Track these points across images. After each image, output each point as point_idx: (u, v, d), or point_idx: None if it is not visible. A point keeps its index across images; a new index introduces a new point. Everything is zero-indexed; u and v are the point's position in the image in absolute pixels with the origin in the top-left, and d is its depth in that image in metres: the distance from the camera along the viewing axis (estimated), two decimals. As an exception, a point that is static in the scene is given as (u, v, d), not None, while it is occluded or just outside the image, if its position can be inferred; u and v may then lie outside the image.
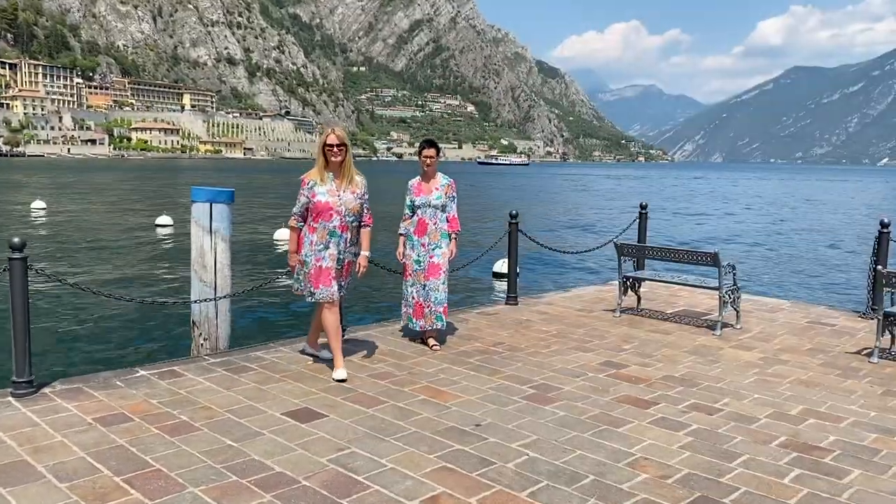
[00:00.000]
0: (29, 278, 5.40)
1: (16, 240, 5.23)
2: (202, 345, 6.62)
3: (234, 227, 7.02)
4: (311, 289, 5.64)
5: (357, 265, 5.82)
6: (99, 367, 6.59)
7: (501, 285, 14.42)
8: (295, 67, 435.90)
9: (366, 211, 5.77)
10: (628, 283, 8.27)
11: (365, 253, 5.81)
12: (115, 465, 4.06)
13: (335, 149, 5.50)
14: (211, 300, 6.52)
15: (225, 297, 6.61)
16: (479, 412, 5.05)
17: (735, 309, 7.70)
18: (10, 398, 5.16)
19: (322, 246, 5.58)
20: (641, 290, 8.54)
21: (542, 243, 9.76)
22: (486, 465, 4.14)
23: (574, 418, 4.98)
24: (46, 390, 5.34)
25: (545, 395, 5.46)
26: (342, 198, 5.55)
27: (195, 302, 6.53)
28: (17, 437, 4.46)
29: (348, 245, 5.69)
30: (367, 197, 5.75)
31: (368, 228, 5.85)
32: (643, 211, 10.10)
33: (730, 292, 7.57)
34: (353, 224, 5.68)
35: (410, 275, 6.81)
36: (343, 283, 5.80)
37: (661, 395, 5.55)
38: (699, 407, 5.29)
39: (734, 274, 7.66)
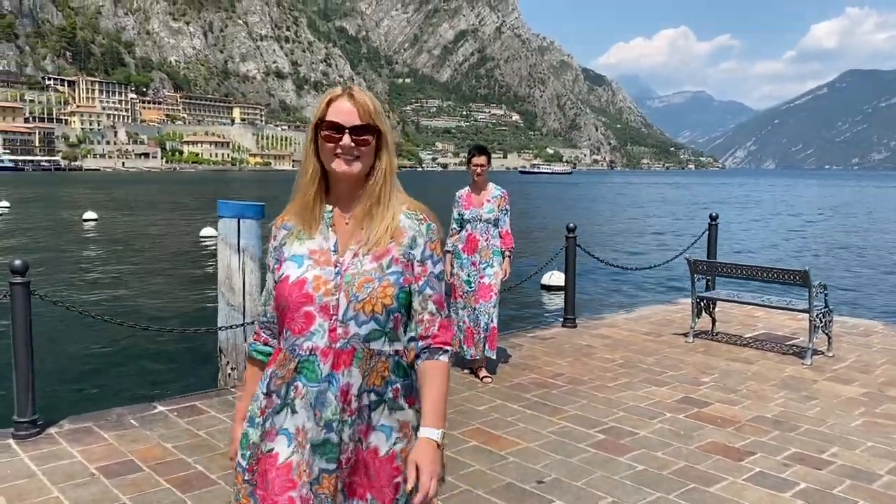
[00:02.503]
0: (48, 303, 4.87)
1: (17, 262, 4.68)
2: (230, 375, 6.00)
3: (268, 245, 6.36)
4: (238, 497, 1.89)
5: (414, 474, 1.78)
6: (117, 400, 6.01)
7: (553, 301, 13.59)
8: (342, 80, 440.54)
9: (428, 298, 1.92)
10: (702, 303, 7.41)
11: (431, 435, 1.83)
12: (112, 533, 3.42)
13: (345, 138, 1.85)
14: (239, 326, 5.89)
15: (255, 322, 5.97)
16: (542, 464, 4.29)
17: (826, 334, 6.79)
18: (11, 440, 4.60)
19: (277, 404, 1.86)
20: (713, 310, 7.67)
21: (603, 259, 8.93)
22: (554, 540, 3.39)
23: (655, 473, 4.18)
24: (53, 430, 4.77)
25: (617, 441, 4.67)
26: (348, 268, 1.86)
27: (221, 328, 5.91)
28: (6, 492, 3.87)
29: (353, 410, 1.83)
30: (433, 257, 1.94)
31: (444, 358, 1.91)
32: (713, 223, 9.21)
33: (821, 316, 6.67)
34: (375, 347, 1.86)
35: (460, 296, 6.09)
36: None
37: (754, 441, 4.72)
38: (804, 458, 4.45)
39: (826, 295, 6.75)
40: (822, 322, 6.68)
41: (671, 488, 3.98)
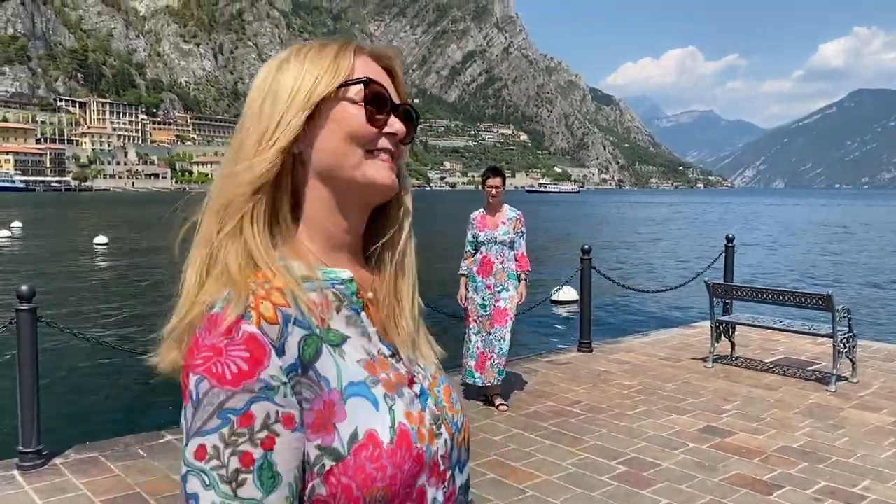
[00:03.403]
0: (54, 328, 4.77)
1: (24, 288, 4.58)
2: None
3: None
4: None
5: None
6: (124, 429, 5.87)
7: (566, 320, 13.42)
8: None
9: None
10: (722, 328, 7.24)
11: None
12: (117, 573, 3.28)
13: (395, 121, 0.93)
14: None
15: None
16: (562, 499, 4.13)
17: (850, 360, 6.61)
18: (15, 472, 4.48)
19: None
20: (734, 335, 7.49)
21: (618, 281, 8.79)
22: (579, 582, 3.22)
23: (681, 509, 4.01)
24: (58, 461, 4.64)
25: (640, 474, 4.51)
26: (434, 380, 0.98)
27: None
28: (9, 528, 3.74)
29: None
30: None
31: None
32: (729, 244, 9.05)
33: (845, 341, 6.49)
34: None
35: (475, 321, 5.94)
36: None
37: (782, 473, 4.54)
38: (835, 492, 4.27)
39: (850, 320, 6.58)
40: (846, 347, 6.50)
41: (699, 525, 3.82)
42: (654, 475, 4.49)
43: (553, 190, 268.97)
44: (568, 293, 13.64)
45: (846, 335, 6.52)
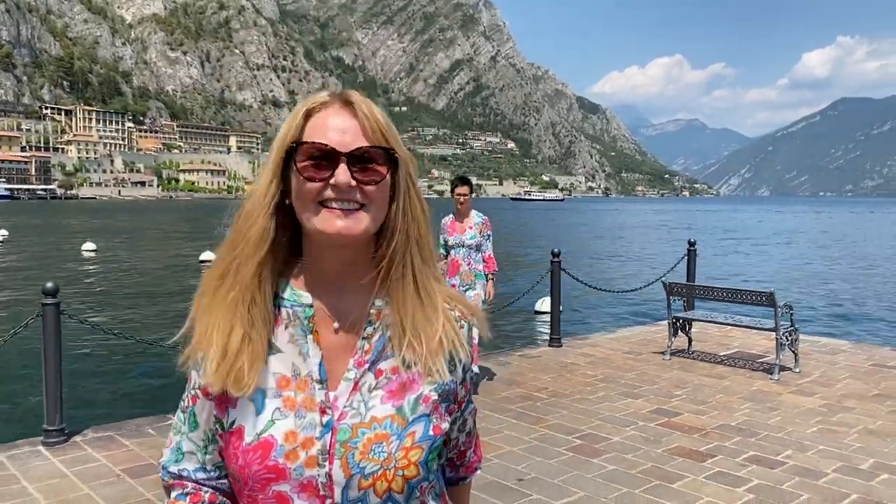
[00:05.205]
0: (65, 322, 5.34)
1: (49, 284, 5.18)
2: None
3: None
4: None
5: None
6: (135, 412, 6.48)
7: (544, 325, 14.06)
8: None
9: (467, 418, 1.28)
10: (678, 323, 7.91)
11: None
12: (141, 522, 3.88)
13: (339, 172, 1.01)
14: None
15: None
16: (523, 465, 4.76)
17: (793, 351, 7.29)
18: (41, 447, 5.06)
19: None
20: (692, 330, 8.17)
21: (587, 282, 9.45)
22: (531, 526, 3.85)
23: (624, 472, 4.66)
24: (78, 438, 5.22)
25: (592, 446, 5.15)
26: (344, 416, 1.05)
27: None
28: (44, 490, 4.33)
29: None
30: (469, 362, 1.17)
31: (474, 476, 1.39)
32: (692, 248, 9.75)
33: (787, 334, 7.17)
34: None
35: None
36: None
37: (717, 446, 5.19)
38: (760, 460, 4.93)
39: (791, 314, 7.26)
40: (788, 340, 7.17)
41: (637, 484, 4.46)
42: (605, 447, 5.13)
43: (538, 198, 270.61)
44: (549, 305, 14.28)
45: (788, 329, 7.20)
